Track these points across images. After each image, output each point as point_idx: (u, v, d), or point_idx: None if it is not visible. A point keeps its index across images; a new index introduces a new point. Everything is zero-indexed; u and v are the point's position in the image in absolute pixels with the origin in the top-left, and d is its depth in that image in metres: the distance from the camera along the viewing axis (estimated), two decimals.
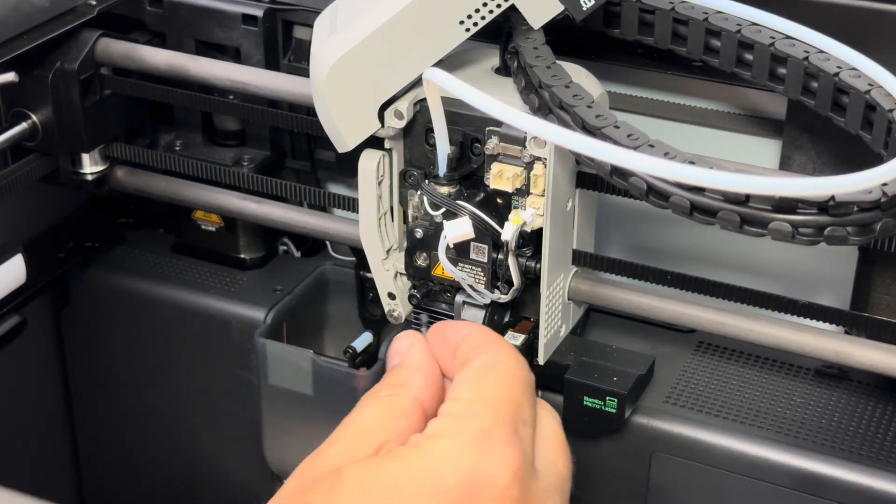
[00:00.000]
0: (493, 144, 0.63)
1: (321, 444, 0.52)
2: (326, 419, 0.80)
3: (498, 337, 0.56)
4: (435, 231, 0.65)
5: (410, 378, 0.54)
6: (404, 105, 0.64)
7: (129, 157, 0.82)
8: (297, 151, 0.85)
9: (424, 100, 0.62)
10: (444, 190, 0.64)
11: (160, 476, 0.94)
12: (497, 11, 0.63)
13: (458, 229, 0.63)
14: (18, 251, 0.80)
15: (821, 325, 0.67)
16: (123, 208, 0.92)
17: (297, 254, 0.89)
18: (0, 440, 0.90)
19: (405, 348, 0.56)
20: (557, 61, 0.63)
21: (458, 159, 0.64)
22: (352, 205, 0.75)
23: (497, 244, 0.64)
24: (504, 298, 0.66)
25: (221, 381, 0.86)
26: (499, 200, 0.65)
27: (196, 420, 0.89)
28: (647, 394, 0.71)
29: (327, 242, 0.88)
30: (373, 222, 0.68)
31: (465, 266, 0.65)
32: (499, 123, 0.63)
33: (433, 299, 0.69)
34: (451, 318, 0.68)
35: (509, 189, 0.64)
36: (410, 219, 0.67)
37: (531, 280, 0.66)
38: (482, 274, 0.65)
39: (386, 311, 0.71)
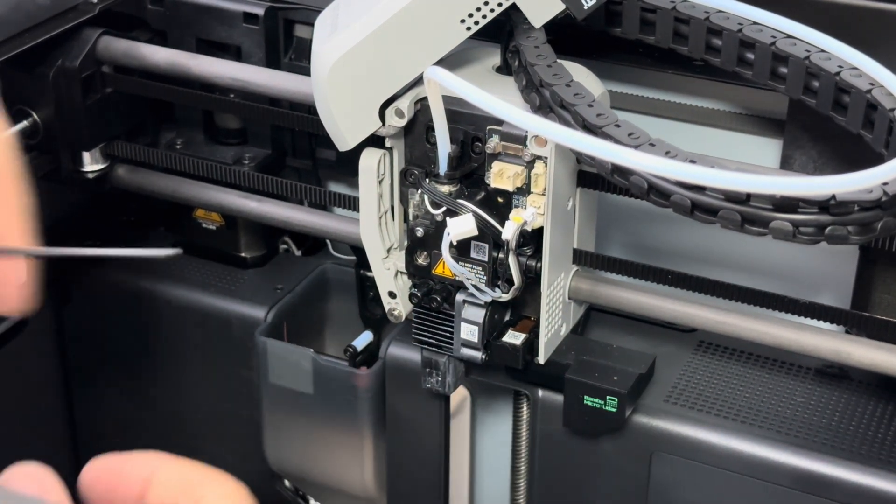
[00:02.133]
0: (493, 143, 0.63)
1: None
2: (326, 418, 0.81)
3: (207, 476, 0.42)
4: (436, 230, 0.65)
5: None
6: (405, 104, 0.64)
7: (130, 155, 0.82)
8: (297, 150, 0.85)
9: (425, 98, 0.62)
10: (445, 189, 0.64)
11: None
12: (498, 10, 0.63)
13: (461, 226, 0.63)
14: None
15: (821, 324, 0.67)
16: (124, 207, 0.92)
17: (298, 252, 0.89)
18: (0, 439, 0.90)
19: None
20: (558, 60, 0.63)
21: (459, 158, 0.64)
22: (352, 203, 0.75)
23: (497, 243, 0.64)
24: (504, 297, 0.66)
25: (222, 380, 0.86)
26: (499, 199, 0.65)
27: (196, 418, 0.89)
28: (648, 393, 0.71)
29: (328, 241, 0.88)
30: (373, 221, 0.68)
31: (466, 265, 0.65)
32: (500, 122, 0.63)
33: (433, 298, 0.69)
34: (452, 317, 0.68)
35: (510, 188, 0.64)
36: (411, 217, 0.67)
37: (532, 279, 0.66)
38: (483, 273, 0.65)
39: (386, 309, 0.71)
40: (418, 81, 0.63)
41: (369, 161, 0.67)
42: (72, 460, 0.97)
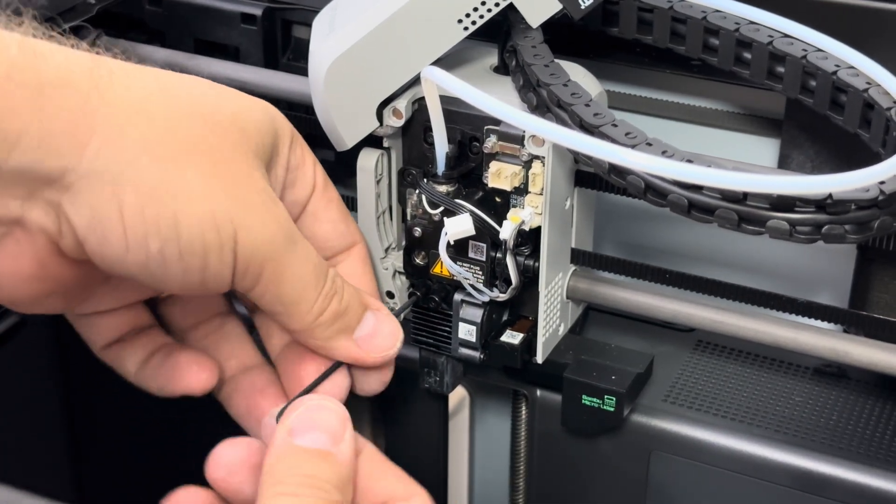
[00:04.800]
0: (491, 143, 0.63)
1: None
2: None
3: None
4: (434, 229, 0.65)
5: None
6: (403, 104, 0.64)
7: None
8: None
9: (423, 98, 0.62)
10: (443, 188, 0.64)
11: (160, 475, 0.93)
12: (496, 10, 0.63)
13: (458, 226, 0.63)
14: None
15: (819, 323, 0.67)
16: None
17: None
18: (0, 439, 0.90)
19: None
20: (556, 60, 0.63)
21: (457, 158, 0.64)
22: (350, 203, 0.75)
23: (495, 243, 0.64)
24: (502, 297, 0.66)
25: None
26: (497, 199, 0.65)
27: (196, 418, 0.89)
28: (646, 392, 0.71)
29: None
30: (371, 221, 0.69)
31: (464, 265, 0.65)
32: (497, 122, 0.63)
33: (431, 298, 0.69)
34: (450, 317, 0.68)
35: (508, 188, 0.64)
36: (409, 217, 0.67)
37: (529, 279, 0.66)
38: (480, 272, 0.65)
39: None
40: (416, 81, 0.64)
41: (367, 161, 0.67)
42: (71, 460, 0.97)
